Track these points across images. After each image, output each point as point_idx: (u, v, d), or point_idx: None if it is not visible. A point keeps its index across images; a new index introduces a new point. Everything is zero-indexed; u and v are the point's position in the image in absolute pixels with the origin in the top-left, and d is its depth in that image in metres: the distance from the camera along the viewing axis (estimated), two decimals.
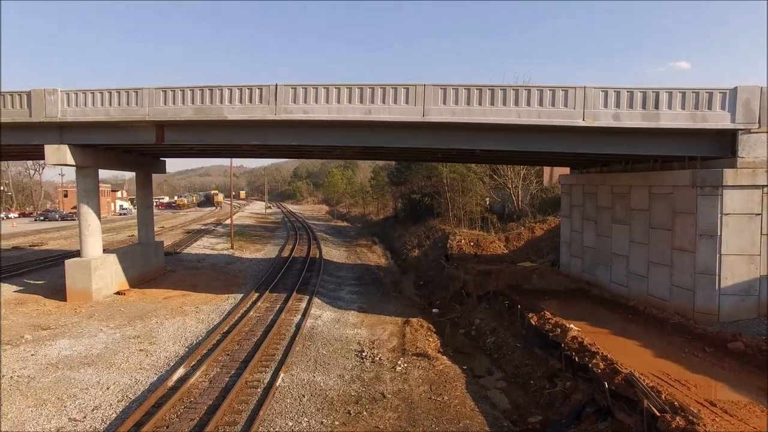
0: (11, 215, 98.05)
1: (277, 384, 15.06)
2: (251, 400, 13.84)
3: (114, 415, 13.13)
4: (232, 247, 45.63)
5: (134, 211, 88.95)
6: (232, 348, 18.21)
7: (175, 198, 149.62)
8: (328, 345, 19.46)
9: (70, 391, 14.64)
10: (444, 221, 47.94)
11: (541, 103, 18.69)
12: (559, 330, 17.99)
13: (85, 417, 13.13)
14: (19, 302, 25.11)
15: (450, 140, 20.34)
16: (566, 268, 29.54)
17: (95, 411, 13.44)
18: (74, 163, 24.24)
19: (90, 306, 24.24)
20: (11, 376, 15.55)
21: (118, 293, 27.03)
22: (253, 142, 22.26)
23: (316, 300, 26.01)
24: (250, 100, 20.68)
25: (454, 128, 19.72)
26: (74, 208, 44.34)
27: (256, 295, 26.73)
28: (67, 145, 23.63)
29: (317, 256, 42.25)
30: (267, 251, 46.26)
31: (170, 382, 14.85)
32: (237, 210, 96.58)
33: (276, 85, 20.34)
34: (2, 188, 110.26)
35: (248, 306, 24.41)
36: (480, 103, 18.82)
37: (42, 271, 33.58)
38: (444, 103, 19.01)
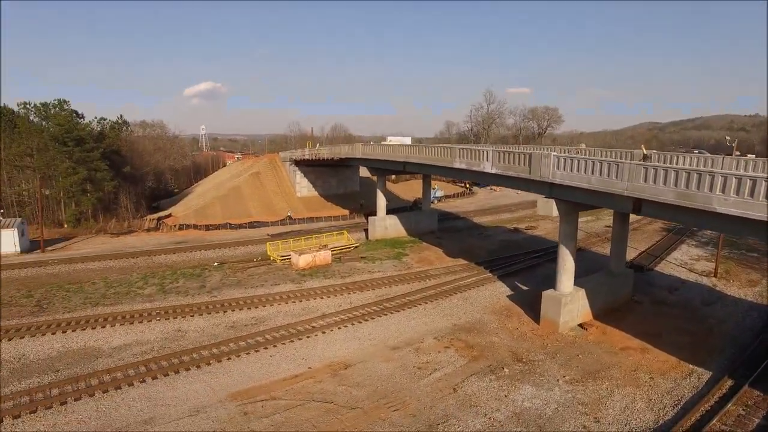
0: None
1: None
2: None
3: None
4: (714, 274, 39.57)
5: None
6: None
7: None
8: None
9: None
10: None
11: None
12: None
13: None
14: (507, 314, 31.35)
15: None
16: None
17: None
18: (557, 215, 27.28)
19: (555, 339, 27.54)
20: (490, 416, 20.17)
21: (581, 325, 29.26)
22: (748, 236, 18.40)
23: None
24: (752, 194, 16.96)
25: None
26: None
27: (729, 383, 22.72)
28: (554, 200, 26.79)
29: None
30: (763, 287, 37.38)
31: None
32: None
33: None
34: None
35: (713, 404, 21.20)
36: None
37: (527, 273, 40.11)
38: None
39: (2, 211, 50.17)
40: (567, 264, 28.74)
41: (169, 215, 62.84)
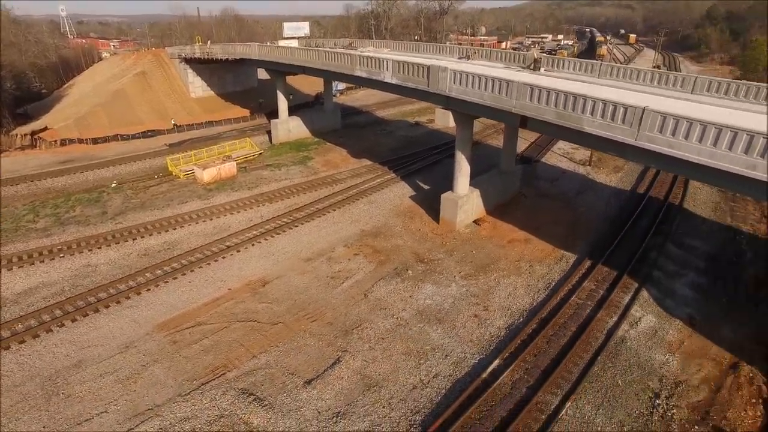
0: None
1: (560, 415, 17.73)
2: (534, 427, 17.20)
3: (443, 392, 18.81)
4: (589, 162, 44.79)
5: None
6: (542, 347, 21.11)
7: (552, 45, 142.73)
8: (626, 373, 19.68)
9: (425, 348, 21.19)
10: None
11: None
12: None
13: (428, 382, 19.37)
14: (410, 215, 33.96)
15: None
16: None
17: (435, 379, 19.53)
18: (454, 125, 29.12)
19: (453, 238, 30.85)
20: (397, 317, 23.25)
21: (476, 221, 32.79)
22: (609, 152, 21.58)
23: (643, 293, 25.03)
24: (612, 118, 19.56)
25: None
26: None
27: (588, 264, 27.57)
28: (450, 111, 28.42)
29: (677, 201, 36.64)
30: (627, 172, 43.09)
31: (485, 374, 19.47)
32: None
33: (643, 110, 18.40)
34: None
35: (574, 283, 25.84)
36: None
37: (428, 171, 42.63)
38: None
39: None
40: (463, 168, 31.24)
41: (45, 128, 56.21)
